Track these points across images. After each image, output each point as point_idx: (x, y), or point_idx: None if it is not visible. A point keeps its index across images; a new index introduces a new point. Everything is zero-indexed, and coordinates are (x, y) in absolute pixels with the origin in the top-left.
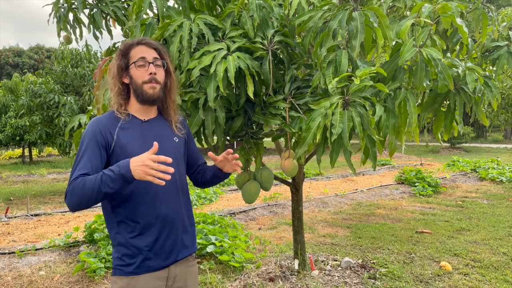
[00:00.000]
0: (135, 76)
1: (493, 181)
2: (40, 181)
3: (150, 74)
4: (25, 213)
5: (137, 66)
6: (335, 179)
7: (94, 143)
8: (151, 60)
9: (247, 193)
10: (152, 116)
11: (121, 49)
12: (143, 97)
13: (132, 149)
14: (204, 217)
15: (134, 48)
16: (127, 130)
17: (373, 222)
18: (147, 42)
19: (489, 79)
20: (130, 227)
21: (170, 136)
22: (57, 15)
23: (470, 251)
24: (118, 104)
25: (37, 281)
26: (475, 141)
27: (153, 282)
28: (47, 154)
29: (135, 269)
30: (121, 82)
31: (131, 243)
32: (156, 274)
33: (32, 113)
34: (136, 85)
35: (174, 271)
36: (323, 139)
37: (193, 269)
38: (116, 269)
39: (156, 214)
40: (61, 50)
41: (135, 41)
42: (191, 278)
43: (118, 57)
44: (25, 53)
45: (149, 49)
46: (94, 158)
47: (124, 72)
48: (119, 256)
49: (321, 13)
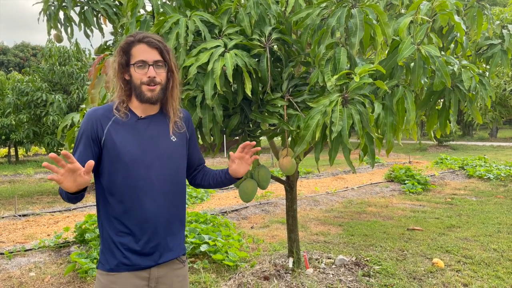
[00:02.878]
0: (134, 76)
1: (480, 179)
2: (27, 181)
3: (149, 77)
4: (13, 214)
5: (136, 68)
6: (325, 177)
7: (86, 138)
8: (151, 63)
9: (244, 192)
10: (152, 113)
11: (121, 45)
12: (142, 98)
13: (123, 145)
14: (196, 216)
15: (135, 46)
16: (121, 126)
17: (365, 220)
18: (149, 40)
19: (483, 77)
20: (114, 224)
21: (166, 135)
22: (47, 13)
23: (461, 247)
24: (120, 100)
25: (27, 283)
26: (462, 139)
27: (134, 281)
28: (33, 153)
29: (115, 266)
30: (122, 78)
31: (113, 239)
32: (136, 273)
33: (19, 111)
34: (135, 85)
35: (157, 272)
36: (321, 137)
37: (180, 272)
38: (100, 262)
39: (141, 214)
40: (48, 48)
41: (136, 38)
42: (178, 281)
43: (119, 53)
44: (10, 51)
45: (151, 49)
46: (85, 154)
47: (125, 69)
48: (104, 249)
49: (319, 10)
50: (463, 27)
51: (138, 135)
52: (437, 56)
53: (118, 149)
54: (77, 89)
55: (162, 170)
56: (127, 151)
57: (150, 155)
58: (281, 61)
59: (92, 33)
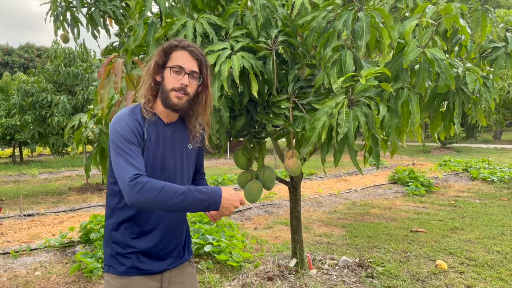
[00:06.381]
0: (167, 79)
1: (484, 181)
2: (32, 181)
3: (181, 84)
4: (18, 213)
5: (172, 72)
6: (328, 178)
7: (135, 141)
8: (188, 71)
9: (249, 193)
10: (174, 119)
11: (164, 46)
12: (166, 103)
13: (155, 150)
14: (200, 216)
15: (177, 51)
16: (152, 130)
17: (368, 222)
18: (192, 50)
19: (487, 80)
20: (132, 229)
21: (185, 143)
22: (55, 13)
23: (465, 249)
24: (146, 99)
25: (33, 282)
26: (466, 141)
27: (147, 283)
28: (38, 154)
29: (128, 269)
30: (154, 78)
31: (129, 243)
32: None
33: (24, 112)
34: (164, 88)
35: (169, 273)
36: (327, 139)
37: (189, 270)
38: (109, 266)
39: (160, 219)
40: (54, 49)
41: (180, 44)
42: (189, 279)
43: (159, 53)
44: (15, 51)
45: (192, 58)
46: (141, 158)
47: (159, 70)
48: (113, 254)
49: (325, 13)
50: (468, 31)
51: (164, 140)
52: (441, 59)
53: (150, 153)
54: (82, 90)
55: (181, 176)
56: (157, 156)
57: (173, 161)
58: (287, 63)
59: (99, 34)
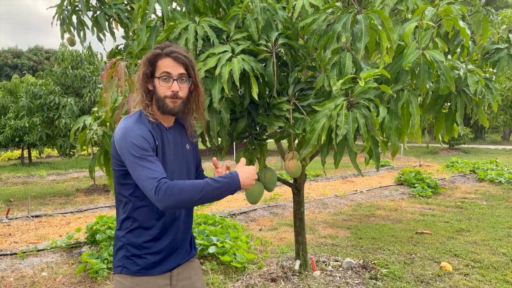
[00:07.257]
0: (158, 88)
1: (492, 182)
2: (40, 182)
3: (172, 91)
4: (26, 214)
5: (161, 80)
6: (334, 180)
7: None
8: (176, 77)
9: (251, 194)
10: (172, 123)
11: (148, 57)
12: (164, 109)
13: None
14: (205, 218)
15: (162, 60)
16: (157, 135)
17: (373, 223)
18: (176, 56)
19: (489, 81)
20: (142, 230)
21: (184, 143)
22: (61, 17)
23: (470, 251)
24: (144, 104)
25: (39, 282)
26: (474, 142)
27: (158, 281)
28: (46, 155)
29: (142, 269)
30: (145, 88)
31: (144, 246)
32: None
33: (32, 114)
34: (158, 96)
35: (177, 271)
36: (327, 140)
37: (195, 264)
38: (123, 267)
39: (170, 219)
40: (61, 52)
41: (164, 52)
42: (195, 273)
43: (144, 64)
44: (24, 54)
45: (177, 63)
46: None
47: (149, 79)
48: (128, 255)
49: (325, 16)
50: (468, 32)
51: (168, 143)
52: (441, 61)
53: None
54: (89, 92)
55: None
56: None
57: (177, 162)
58: (287, 65)
59: (104, 37)
